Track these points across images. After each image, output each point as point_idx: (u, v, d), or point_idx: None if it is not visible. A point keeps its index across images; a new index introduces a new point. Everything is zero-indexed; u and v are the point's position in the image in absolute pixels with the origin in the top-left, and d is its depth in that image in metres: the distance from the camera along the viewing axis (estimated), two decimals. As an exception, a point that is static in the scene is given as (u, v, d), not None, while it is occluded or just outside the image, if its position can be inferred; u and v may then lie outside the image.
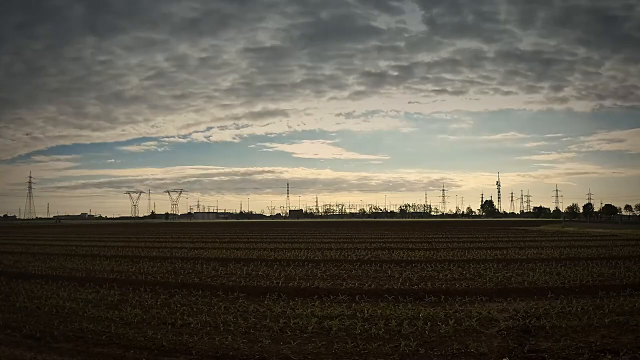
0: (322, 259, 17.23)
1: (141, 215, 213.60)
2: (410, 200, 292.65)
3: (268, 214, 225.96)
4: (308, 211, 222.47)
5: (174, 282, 11.87)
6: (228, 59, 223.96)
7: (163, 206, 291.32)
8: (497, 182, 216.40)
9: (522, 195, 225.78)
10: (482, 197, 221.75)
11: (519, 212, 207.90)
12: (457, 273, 13.13)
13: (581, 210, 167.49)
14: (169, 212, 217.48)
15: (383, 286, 11.08)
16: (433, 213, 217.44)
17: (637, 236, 32.08)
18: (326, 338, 6.81)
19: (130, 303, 9.35)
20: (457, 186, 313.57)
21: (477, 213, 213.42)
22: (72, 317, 8.15)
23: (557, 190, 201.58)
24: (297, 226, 74.99)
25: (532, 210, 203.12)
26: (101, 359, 6.13)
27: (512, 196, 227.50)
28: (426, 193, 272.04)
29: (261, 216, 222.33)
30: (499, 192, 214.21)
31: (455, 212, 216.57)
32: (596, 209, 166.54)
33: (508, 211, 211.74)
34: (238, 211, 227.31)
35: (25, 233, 50.97)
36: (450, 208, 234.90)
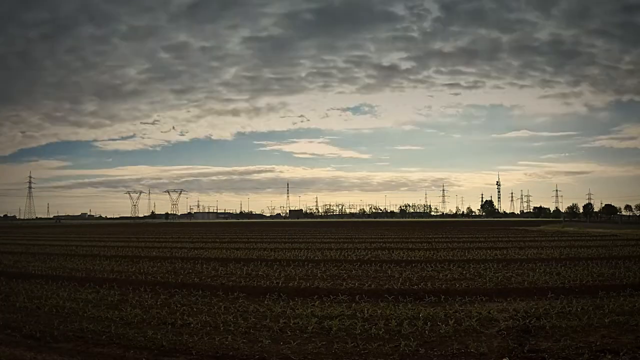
0: (322, 259, 17.23)
1: (141, 215, 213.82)
2: (410, 200, 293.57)
3: (268, 214, 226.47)
4: (308, 211, 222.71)
5: (174, 282, 11.88)
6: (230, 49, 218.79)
7: (163, 206, 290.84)
8: (497, 182, 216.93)
9: (522, 195, 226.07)
10: (482, 197, 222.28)
11: (519, 212, 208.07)
12: (457, 273, 13.13)
13: (581, 210, 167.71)
14: (169, 212, 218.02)
15: (383, 286, 11.09)
16: (433, 213, 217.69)
17: (637, 236, 32.08)
18: (326, 338, 6.81)
19: (130, 303, 9.36)
20: (458, 186, 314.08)
21: (477, 213, 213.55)
22: (72, 317, 8.15)
23: (557, 190, 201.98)
24: (297, 226, 75.00)
25: (532, 210, 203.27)
26: (101, 359, 6.13)
27: (512, 196, 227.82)
28: (426, 193, 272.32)
29: (261, 216, 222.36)
30: (499, 192, 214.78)
31: (455, 212, 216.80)
32: (596, 209, 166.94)
33: (508, 211, 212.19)
34: (238, 211, 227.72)
35: (25, 233, 50.98)
36: (450, 208, 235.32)
